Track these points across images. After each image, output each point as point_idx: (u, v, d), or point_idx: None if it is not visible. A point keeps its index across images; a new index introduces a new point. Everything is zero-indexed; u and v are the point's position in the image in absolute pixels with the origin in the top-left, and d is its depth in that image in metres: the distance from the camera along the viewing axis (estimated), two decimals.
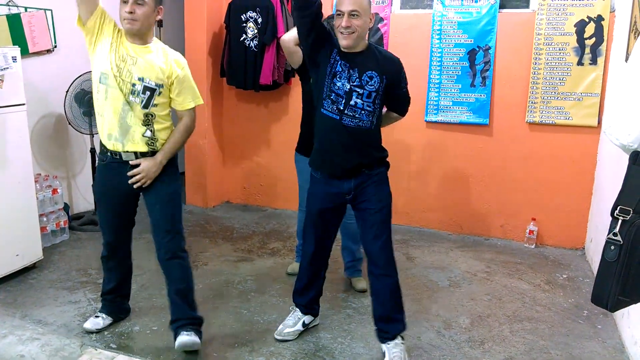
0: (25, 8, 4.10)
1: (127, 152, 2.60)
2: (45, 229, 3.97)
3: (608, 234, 1.96)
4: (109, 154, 2.62)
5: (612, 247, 1.95)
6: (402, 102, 2.77)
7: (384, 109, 2.75)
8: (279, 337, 2.86)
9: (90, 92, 4.25)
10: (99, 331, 2.86)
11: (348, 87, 2.49)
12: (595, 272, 2.20)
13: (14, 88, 3.38)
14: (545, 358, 2.77)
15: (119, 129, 2.57)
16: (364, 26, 2.45)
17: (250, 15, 4.67)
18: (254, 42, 4.68)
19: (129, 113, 2.56)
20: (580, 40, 4.12)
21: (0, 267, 3.35)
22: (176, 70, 2.65)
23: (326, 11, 3.62)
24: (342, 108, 2.52)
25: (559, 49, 4.18)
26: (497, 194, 4.51)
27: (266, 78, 4.68)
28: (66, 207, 4.36)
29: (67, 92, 4.19)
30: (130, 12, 2.46)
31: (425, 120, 4.60)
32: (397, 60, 2.63)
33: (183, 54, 5.06)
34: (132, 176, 2.60)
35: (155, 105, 2.61)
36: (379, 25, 4.61)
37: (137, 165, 2.60)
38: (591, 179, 4.22)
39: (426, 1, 4.51)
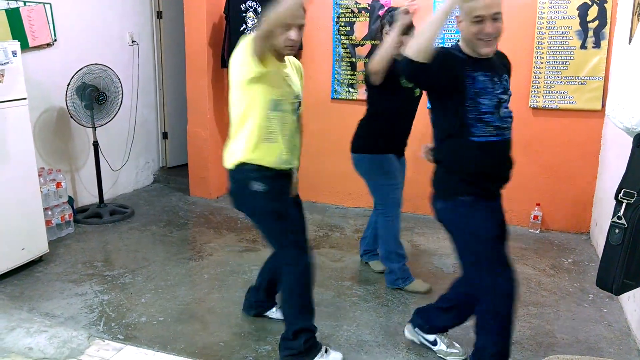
0: (25, 2, 4.08)
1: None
2: (51, 222, 3.99)
3: (612, 218, 1.96)
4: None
5: (617, 231, 1.95)
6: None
7: None
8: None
9: (92, 85, 4.27)
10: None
11: (495, 99, 2.19)
12: (600, 256, 2.19)
13: (14, 82, 3.37)
14: (551, 342, 2.77)
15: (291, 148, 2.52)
16: (501, 27, 2.15)
17: (250, 4, 4.65)
18: (254, 32, 4.65)
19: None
20: (583, 23, 4.08)
21: (7, 260, 3.37)
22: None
23: None
24: (499, 124, 2.21)
25: (562, 33, 4.15)
26: None
27: None
28: (70, 201, 4.37)
29: (68, 85, 4.18)
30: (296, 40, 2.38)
31: (428, 107, 4.55)
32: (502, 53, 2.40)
33: (183, 45, 5.10)
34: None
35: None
36: (380, 12, 4.58)
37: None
38: (595, 162, 4.20)
39: None
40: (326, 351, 2.57)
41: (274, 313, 2.97)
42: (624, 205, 1.93)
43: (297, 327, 2.52)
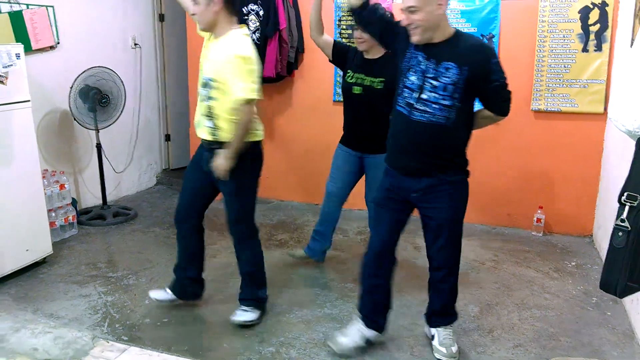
0: (27, 5, 4.10)
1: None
2: (54, 224, 4.00)
3: (616, 220, 1.96)
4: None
5: (620, 234, 1.95)
6: (494, 98, 2.39)
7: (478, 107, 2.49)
8: (337, 351, 2.67)
9: (95, 87, 4.28)
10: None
11: (421, 79, 2.32)
12: (603, 259, 2.20)
13: (18, 85, 3.39)
14: (554, 345, 2.78)
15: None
16: (429, 17, 2.23)
17: (252, 7, 4.66)
18: (256, 34, 4.67)
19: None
20: (585, 26, 4.09)
21: (11, 262, 3.38)
22: (227, 62, 2.59)
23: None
24: (412, 102, 2.35)
25: (563, 36, 4.16)
26: (503, 182, 4.50)
27: (269, 71, 4.67)
28: (74, 202, 4.38)
29: (71, 87, 4.20)
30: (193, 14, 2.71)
31: None
32: (486, 48, 2.36)
33: (185, 47, 5.11)
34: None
35: (214, 98, 2.67)
36: None
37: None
38: (598, 165, 4.21)
39: None
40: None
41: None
42: (627, 208, 1.93)
43: None
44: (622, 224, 1.94)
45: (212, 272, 3.60)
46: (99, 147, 4.56)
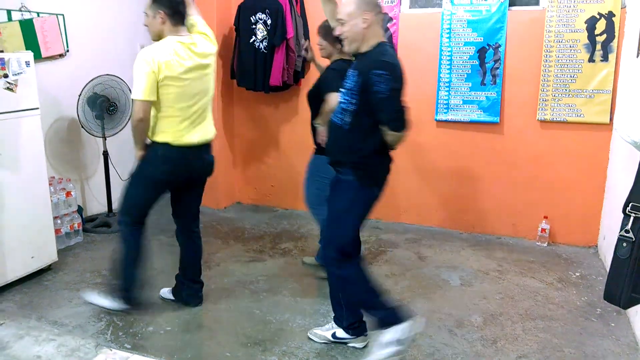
0: (38, 13, 4.15)
1: None
2: (60, 231, 4.02)
3: (620, 231, 1.95)
4: None
5: (624, 244, 1.94)
6: (378, 110, 2.41)
7: None
8: (308, 334, 2.91)
9: (103, 95, 4.32)
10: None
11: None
12: (608, 270, 2.19)
13: (27, 92, 3.42)
14: (558, 356, 2.76)
15: None
16: (353, 29, 2.43)
17: (260, 17, 4.70)
18: (264, 43, 4.70)
19: None
20: (591, 36, 4.09)
21: (16, 269, 3.40)
22: None
23: None
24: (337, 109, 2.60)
25: (570, 46, 4.16)
26: (508, 192, 4.49)
27: (276, 79, 4.70)
28: (80, 210, 4.40)
29: (79, 95, 4.23)
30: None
31: (436, 120, 4.60)
32: (377, 60, 2.38)
33: None
34: None
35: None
36: (389, 25, 4.61)
37: None
38: (603, 176, 4.19)
39: (435, 0, 4.50)
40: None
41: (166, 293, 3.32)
42: (631, 218, 1.93)
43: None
44: (627, 234, 1.94)
45: (216, 280, 3.61)
46: (105, 154, 4.59)
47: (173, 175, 2.97)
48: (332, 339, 2.83)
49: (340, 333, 2.81)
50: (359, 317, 2.78)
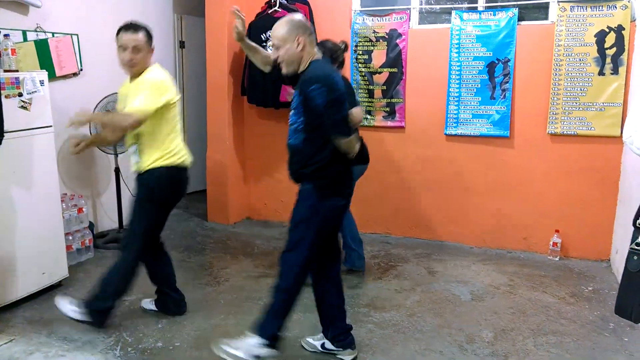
0: (53, 34, 4.23)
1: None
2: (71, 247, 4.05)
3: (631, 244, 1.94)
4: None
5: (635, 257, 1.93)
6: (322, 121, 2.49)
7: None
8: (301, 342, 2.96)
9: None
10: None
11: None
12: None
13: (41, 111, 3.48)
14: None
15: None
16: (289, 52, 2.51)
17: (270, 34, 4.74)
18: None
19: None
20: (601, 50, 4.08)
21: (27, 285, 3.42)
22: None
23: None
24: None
25: (580, 60, 4.15)
26: (519, 206, 4.46)
27: (284, 96, 4.74)
28: (91, 226, 4.44)
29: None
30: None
31: (445, 134, 4.60)
32: (310, 77, 2.48)
33: (204, 74, 5.20)
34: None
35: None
36: (398, 41, 4.64)
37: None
38: (615, 189, 4.15)
39: (444, 16, 4.53)
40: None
41: (148, 304, 3.38)
42: None
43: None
44: (638, 247, 1.93)
45: (225, 295, 3.61)
46: (117, 171, 4.64)
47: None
48: (321, 349, 2.88)
49: (329, 345, 2.86)
50: (343, 329, 2.83)
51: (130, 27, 3.01)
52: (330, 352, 2.85)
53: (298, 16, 2.64)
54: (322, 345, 2.88)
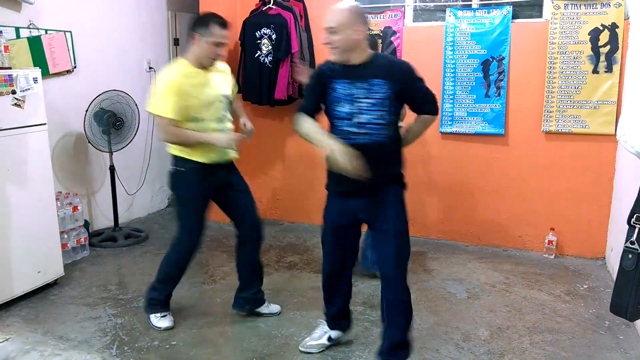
0: (46, 30, 4.20)
1: None
2: (66, 245, 4.04)
3: (625, 243, 1.94)
4: None
5: (630, 256, 1.93)
6: (425, 102, 2.55)
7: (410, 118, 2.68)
8: (302, 349, 2.88)
9: (109, 111, 4.36)
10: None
11: (352, 104, 2.46)
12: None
13: (35, 108, 3.46)
14: None
15: None
16: (346, 39, 2.41)
17: (265, 31, 4.73)
18: (269, 58, 4.74)
19: None
20: (595, 48, 4.10)
21: (23, 283, 3.41)
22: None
23: None
24: (350, 129, 2.47)
25: (574, 58, 4.17)
26: (514, 204, 4.48)
27: (281, 93, 4.73)
28: (86, 224, 4.43)
29: (86, 111, 4.28)
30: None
31: (440, 132, 4.60)
32: (401, 62, 2.62)
33: None
34: None
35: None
36: (392, 39, 4.63)
37: None
38: (610, 187, 4.17)
39: (439, 13, 4.53)
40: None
41: (266, 308, 3.31)
42: (636, 230, 1.92)
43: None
44: (632, 246, 1.93)
45: (221, 294, 3.61)
46: (112, 169, 4.62)
47: None
48: (328, 342, 2.88)
49: (335, 334, 2.88)
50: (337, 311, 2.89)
51: (225, 24, 3.01)
52: (338, 341, 2.92)
53: (356, 4, 2.54)
54: (329, 339, 2.89)
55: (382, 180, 2.51)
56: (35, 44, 4.11)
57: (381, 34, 4.67)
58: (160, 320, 3.11)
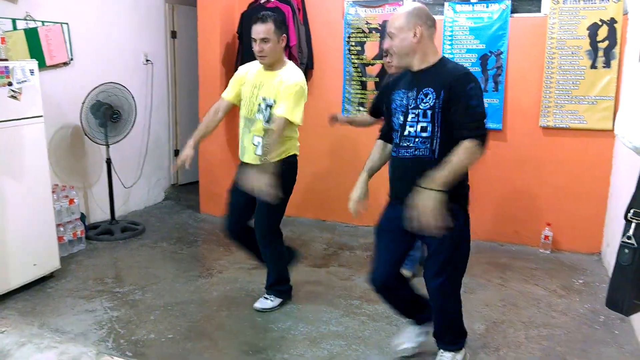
0: (43, 22, 4.18)
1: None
2: (63, 238, 4.03)
3: (622, 237, 1.94)
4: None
5: (627, 251, 1.93)
6: (469, 123, 2.22)
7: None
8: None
9: (106, 103, 4.34)
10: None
11: (404, 114, 2.36)
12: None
13: (31, 100, 3.44)
14: None
15: None
16: (403, 43, 2.31)
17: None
18: None
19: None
20: (593, 43, 4.09)
21: (19, 276, 3.40)
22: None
23: None
24: (397, 141, 2.41)
25: (572, 53, 4.16)
26: (511, 199, 4.48)
27: None
28: (83, 217, 4.42)
29: (83, 103, 4.26)
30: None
31: None
32: (464, 74, 2.28)
33: (196, 64, 5.17)
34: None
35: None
36: None
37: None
38: (607, 182, 4.18)
39: (437, 7, 4.51)
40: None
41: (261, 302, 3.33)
42: (633, 225, 1.92)
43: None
44: (629, 241, 1.93)
45: (218, 287, 3.61)
46: (109, 162, 4.60)
47: None
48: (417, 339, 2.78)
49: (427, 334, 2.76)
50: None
51: (258, 18, 2.98)
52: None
53: (419, 5, 2.41)
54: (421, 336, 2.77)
55: None
56: (32, 36, 4.08)
57: (379, 28, 4.66)
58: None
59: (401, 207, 2.36)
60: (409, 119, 2.34)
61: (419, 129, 2.32)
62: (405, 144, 2.36)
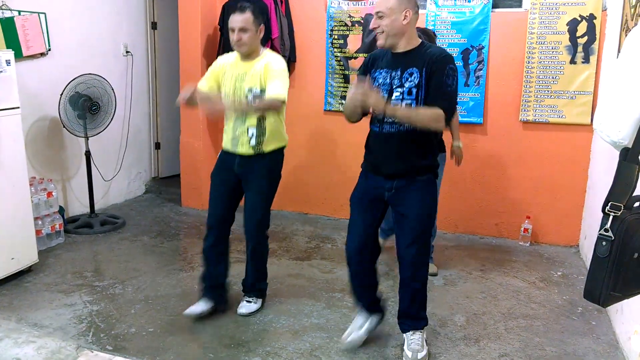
0: (19, 12, 4.09)
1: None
2: (41, 232, 3.96)
3: (599, 230, 1.97)
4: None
5: (604, 243, 1.96)
6: (442, 99, 2.40)
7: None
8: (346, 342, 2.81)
9: (85, 95, 4.28)
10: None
11: (388, 92, 2.48)
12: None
13: (8, 91, 3.37)
14: (540, 355, 2.78)
15: None
16: (394, 24, 2.41)
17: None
18: None
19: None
20: (573, 38, 4.14)
21: None
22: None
23: None
24: (381, 118, 2.50)
25: (552, 48, 4.20)
26: (491, 192, 4.53)
27: None
28: (61, 210, 4.35)
29: (61, 95, 4.19)
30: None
31: None
32: (446, 55, 2.45)
33: (177, 56, 5.11)
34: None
35: None
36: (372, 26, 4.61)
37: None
38: (585, 176, 4.24)
39: (419, 1, 4.51)
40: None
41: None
42: (610, 217, 1.94)
43: None
44: (606, 233, 1.95)
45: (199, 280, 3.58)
46: (88, 154, 4.54)
47: None
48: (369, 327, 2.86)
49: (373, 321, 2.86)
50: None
51: (238, 7, 2.95)
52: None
53: None
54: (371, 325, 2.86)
55: (408, 170, 2.52)
56: (8, 26, 4.00)
57: (362, 21, 4.66)
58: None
59: (378, 178, 2.58)
60: (394, 96, 2.46)
61: (403, 106, 2.43)
62: (390, 120, 2.47)
